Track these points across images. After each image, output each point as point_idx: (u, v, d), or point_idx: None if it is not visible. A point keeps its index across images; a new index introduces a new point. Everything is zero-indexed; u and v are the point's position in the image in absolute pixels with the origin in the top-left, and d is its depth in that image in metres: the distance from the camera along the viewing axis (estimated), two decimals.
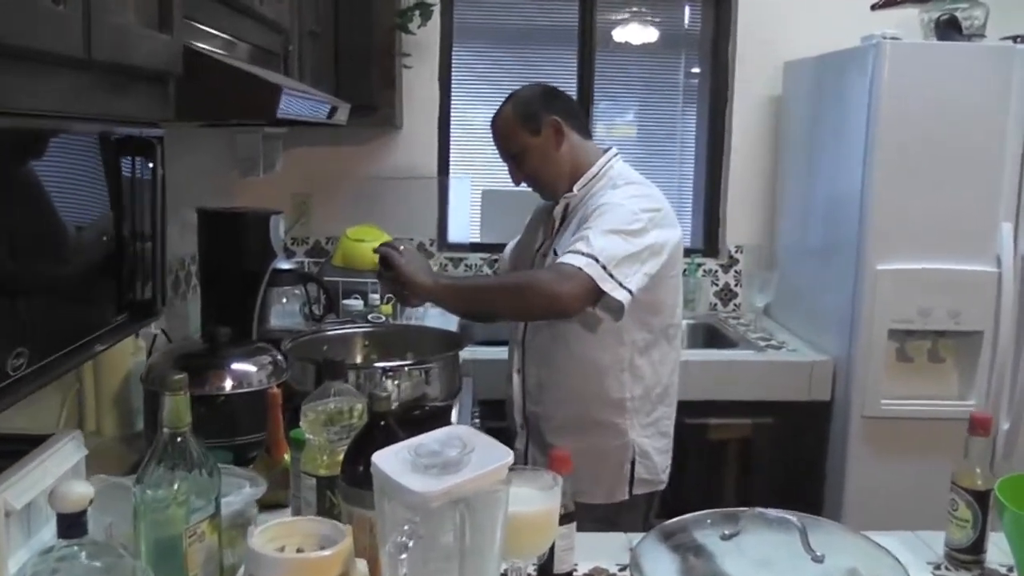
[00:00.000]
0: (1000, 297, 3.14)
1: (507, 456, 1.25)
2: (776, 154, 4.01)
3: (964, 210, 3.15)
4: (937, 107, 3.11)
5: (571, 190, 2.54)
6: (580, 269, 2.26)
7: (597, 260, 2.27)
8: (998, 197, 3.14)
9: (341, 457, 1.51)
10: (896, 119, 3.11)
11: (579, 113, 2.65)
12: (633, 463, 2.53)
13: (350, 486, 1.46)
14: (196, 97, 1.67)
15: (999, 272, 3.14)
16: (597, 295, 2.29)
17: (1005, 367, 3.18)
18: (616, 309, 2.33)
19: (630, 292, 2.30)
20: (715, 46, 4.11)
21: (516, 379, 2.66)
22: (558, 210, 2.59)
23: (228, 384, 2.12)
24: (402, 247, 2.42)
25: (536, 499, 1.42)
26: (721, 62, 4.08)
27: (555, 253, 2.48)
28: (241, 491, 1.59)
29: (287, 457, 1.85)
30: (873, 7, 3.77)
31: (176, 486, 1.34)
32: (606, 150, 2.62)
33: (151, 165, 1.55)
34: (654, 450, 2.57)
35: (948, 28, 3.31)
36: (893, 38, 3.13)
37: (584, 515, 2.07)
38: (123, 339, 1.64)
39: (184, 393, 1.37)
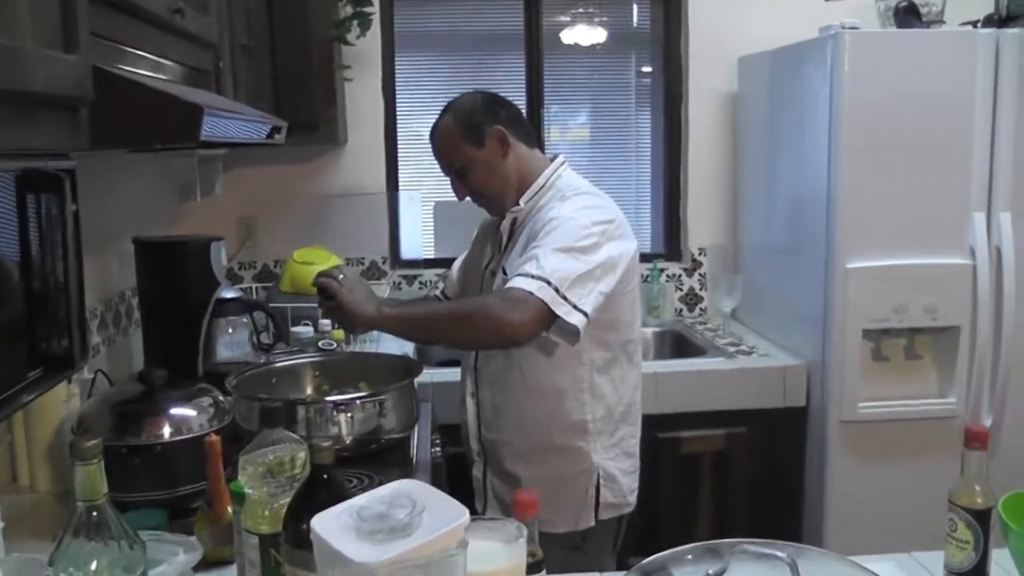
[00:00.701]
0: (976, 290, 3.05)
1: (462, 516, 1.12)
2: (735, 152, 3.91)
3: (934, 202, 3.05)
4: (901, 97, 3.01)
5: (518, 203, 2.42)
6: (531, 293, 2.13)
7: (549, 282, 2.14)
8: (968, 187, 3.06)
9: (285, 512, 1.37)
10: (859, 111, 3.01)
11: (523, 121, 2.52)
12: (598, 487, 2.41)
13: (293, 548, 1.32)
14: (111, 122, 1.51)
15: (973, 264, 3.06)
16: (550, 320, 2.16)
17: (985, 361, 3.10)
18: (571, 333, 2.19)
19: (585, 314, 2.17)
20: (666, 44, 4.00)
21: (470, 404, 2.53)
22: (505, 225, 2.46)
23: (166, 431, 1.97)
24: (341, 275, 2.26)
25: (500, 554, 1.28)
26: (673, 60, 3.97)
27: (504, 272, 2.36)
28: (175, 559, 1.44)
29: (231, 510, 1.70)
30: None
31: (95, 564, 1.19)
32: (553, 158, 2.50)
33: (59, 202, 1.40)
34: (619, 472, 2.45)
35: (907, 15, 3.22)
36: (852, 27, 3.03)
37: (550, 544, 1.94)
38: (38, 396, 1.49)
39: (97, 461, 1.22)
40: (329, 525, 1.11)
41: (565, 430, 2.39)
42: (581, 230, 2.23)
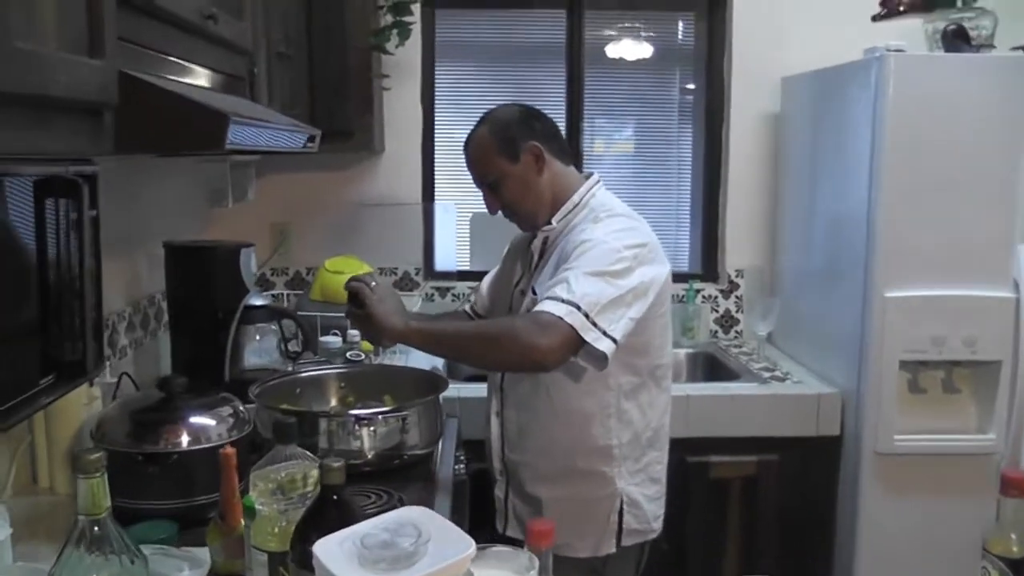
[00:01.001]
0: (1018, 324, 2.98)
1: (468, 547, 1.08)
2: (776, 173, 3.84)
3: (977, 232, 2.97)
4: (946, 122, 2.94)
5: (550, 222, 2.38)
6: (560, 318, 2.08)
7: (579, 307, 2.09)
8: (1013, 217, 2.98)
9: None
10: (902, 135, 2.94)
11: (560, 137, 2.47)
12: (621, 513, 2.36)
13: (300, 568, 1.29)
14: (136, 128, 1.50)
15: (1017, 297, 2.99)
16: (578, 345, 2.12)
17: None
18: (599, 359, 2.14)
19: (614, 341, 2.12)
20: (709, 61, 3.96)
21: (495, 424, 2.49)
22: (536, 244, 2.42)
23: (184, 440, 1.94)
24: (374, 283, 2.23)
25: None
26: (716, 78, 3.92)
27: (534, 292, 2.31)
28: (180, 574, 1.41)
29: (244, 523, 1.67)
30: (874, 18, 3.63)
31: None
32: (587, 176, 2.46)
33: (77, 208, 1.38)
34: (644, 498, 2.40)
35: (955, 39, 3.15)
36: (897, 50, 2.96)
37: (570, 569, 1.90)
38: (49, 404, 1.47)
39: (100, 475, 1.19)
40: (332, 551, 1.08)
41: (590, 455, 2.35)
42: (613, 254, 2.19)
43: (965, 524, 1.66)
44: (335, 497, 1.31)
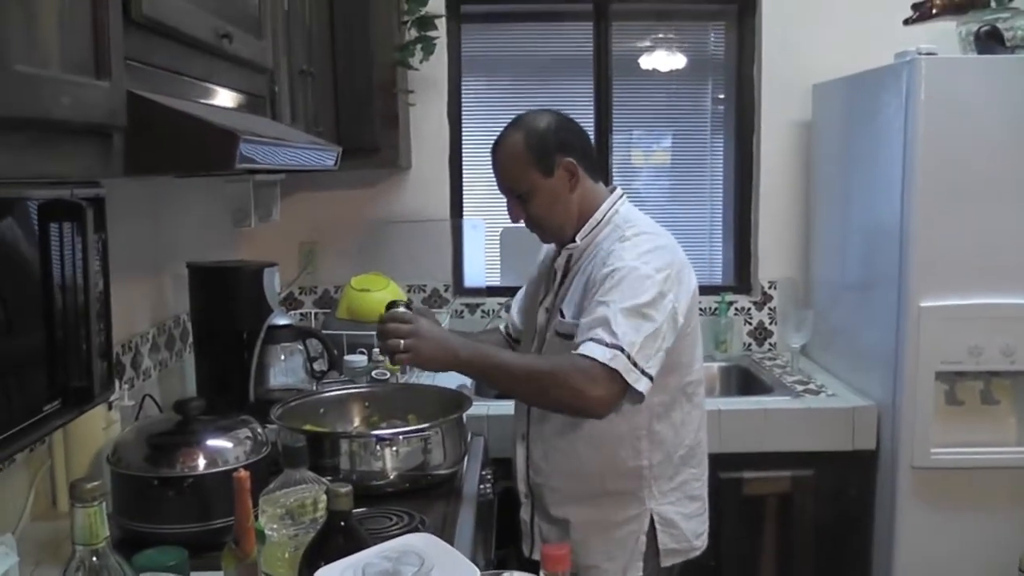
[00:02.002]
0: None
1: (472, 575, 1.04)
2: (808, 182, 3.79)
3: (1014, 238, 2.90)
4: (980, 126, 2.87)
5: (574, 240, 2.33)
6: (605, 365, 2.06)
7: (622, 350, 2.07)
8: None
9: None
10: (936, 140, 2.88)
11: (592, 151, 2.41)
12: (654, 534, 2.31)
13: None
14: (146, 149, 1.48)
15: None
16: (624, 389, 2.10)
17: None
18: (638, 397, 2.14)
19: (651, 379, 2.11)
20: (739, 70, 3.92)
21: (520, 446, 2.45)
22: (560, 262, 2.38)
23: (201, 463, 1.91)
24: (412, 320, 2.18)
25: None
26: (746, 87, 3.88)
27: (562, 315, 2.28)
28: None
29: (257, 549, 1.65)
30: (906, 21, 3.57)
31: None
32: (611, 190, 2.41)
33: (82, 232, 1.36)
34: (681, 516, 2.34)
35: (989, 40, 3.08)
36: (929, 53, 2.90)
37: None
38: (56, 429, 1.46)
39: (98, 504, 1.16)
40: None
41: (620, 477, 2.30)
42: (645, 280, 2.14)
43: (1006, 539, 1.60)
44: (343, 523, 1.28)
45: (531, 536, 2.45)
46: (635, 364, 2.08)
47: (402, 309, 2.25)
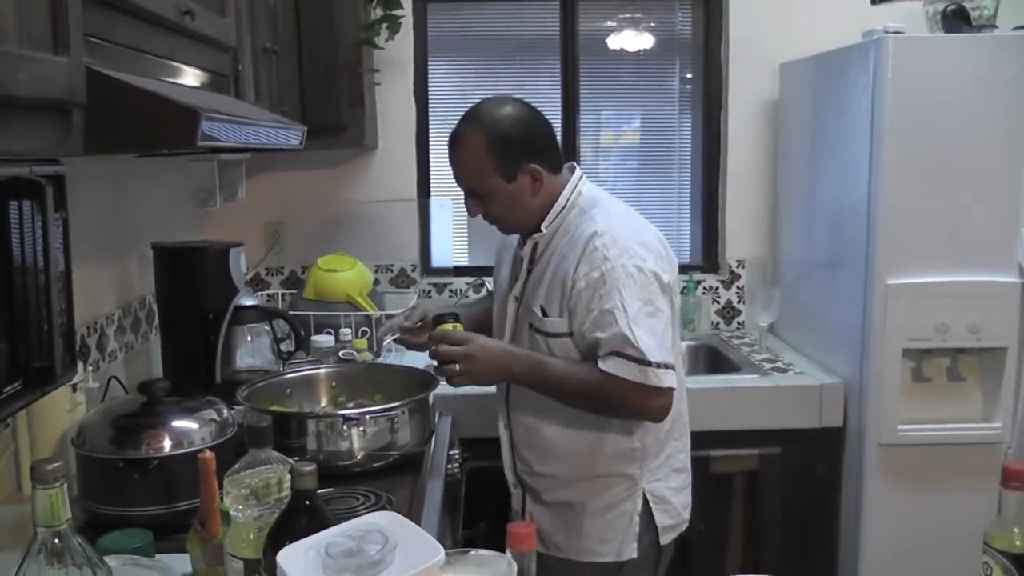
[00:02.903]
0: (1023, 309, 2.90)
1: (436, 553, 1.03)
2: (776, 162, 3.79)
3: (981, 216, 2.92)
4: (947, 105, 2.88)
5: (540, 229, 2.28)
6: (645, 381, 2.11)
7: (651, 363, 2.11)
8: (1017, 201, 2.92)
9: None
10: (902, 119, 2.88)
11: (555, 142, 2.32)
12: (647, 513, 2.30)
13: None
14: (107, 127, 1.45)
15: (1021, 282, 2.93)
16: (668, 389, 2.16)
17: None
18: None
19: (672, 367, 2.16)
20: (706, 49, 3.90)
21: (504, 436, 2.43)
22: (526, 251, 2.33)
23: (166, 445, 1.90)
24: (464, 340, 2.21)
25: None
26: (713, 66, 3.87)
27: (543, 312, 2.25)
28: None
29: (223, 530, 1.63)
30: (873, 1, 3.56)
31: None
32: (570, 169, 2.34)
33: (42, 210, 1.34)
34: (670, 491, 2.35)
35: (956, 19, 3.08)
36: (896, 32, 2.90)
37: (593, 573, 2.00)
38: (17, 411, 1.44)
39: (59, 485, 1.15)
40: (296, 561, 1.04)
41: (611, 459, 2.29)
42: (638, 274, 2.15)
43: (972, 515, 1.61)
44: (307, 503, 1.27)
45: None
46: (659, 365, 2.11)
47: (451, 326, 2.26)
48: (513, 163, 2.19)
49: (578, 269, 2.16)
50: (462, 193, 2.32)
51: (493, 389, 2.45)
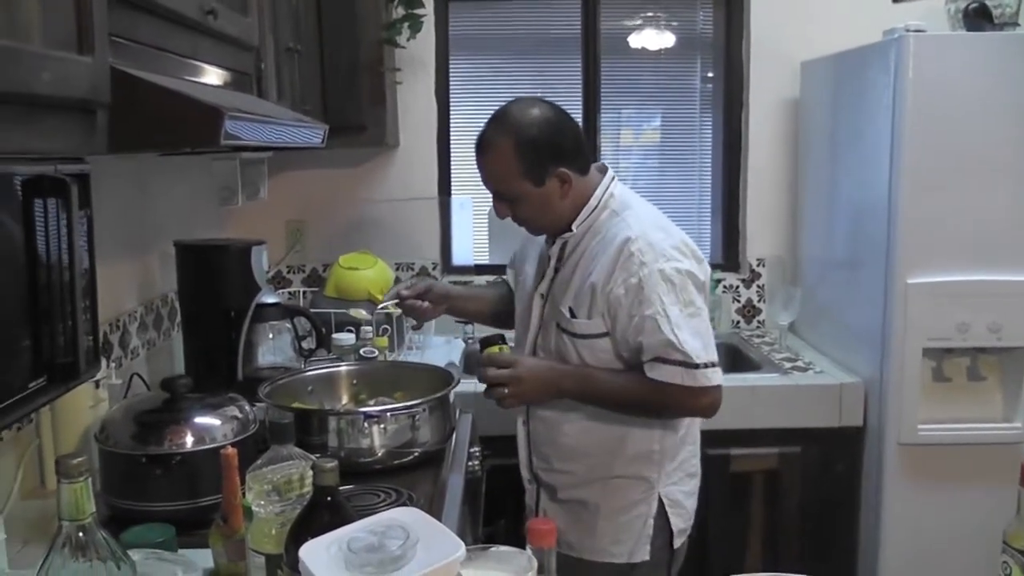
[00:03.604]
0: None
1: (457, 549, 1.04)
2: (796, 160, 3.79)
3: (1001, 216, 2.91)
4: (968, 104, 2.87)
5: (570, 229, 2.27)
6: (695, 384, 2.15)
7: (698, 365, 2.14)
8: None
9: None
10: (923, 118, 2.87)
11: (583, 144, 2.30)
12: (662, 517, 2.31)
13: (293, 571, 1.25)
14: (130, 126, 1.47)
15: None
16: (716, 386, 2.20)
17: None
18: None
19: (716, 363, 2.20)
20: (727, 48, 3.90)
21: (521, 432, 2.43)
22: (554, 250, 2.32)
23: (188, 441, 1.91)
24: (512, 363, 2.25)
25: None
26: (735, 65, 3.87)
27: (572, 313, 2.25)
28: None
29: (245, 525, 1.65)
30: None
31: None
32: (601, 171, 2.33)
33: (67, 208, 1.35)
34: (683, 495, 2.36)
35: (977, 18, 3.06)
36: (917, 30, 2.89)
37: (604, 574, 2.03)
38: (41, 407, 1.46)
39: (84, 480, 1.16)
40: (318, 555, 1.05)
41: (630, 461, 2.29)
42: (677, 275, 2.16)
43: (992, 515, 1.61)
44: (329, 499, 1.28)
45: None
46: (706, 365, 2.15)
47: (498, 348, 2.27)
48: (541, 167, 2.17)
49: (614, 275, 2.17)
50: (483, 191, 2.32)
51: None
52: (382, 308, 2.66)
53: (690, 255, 2.22)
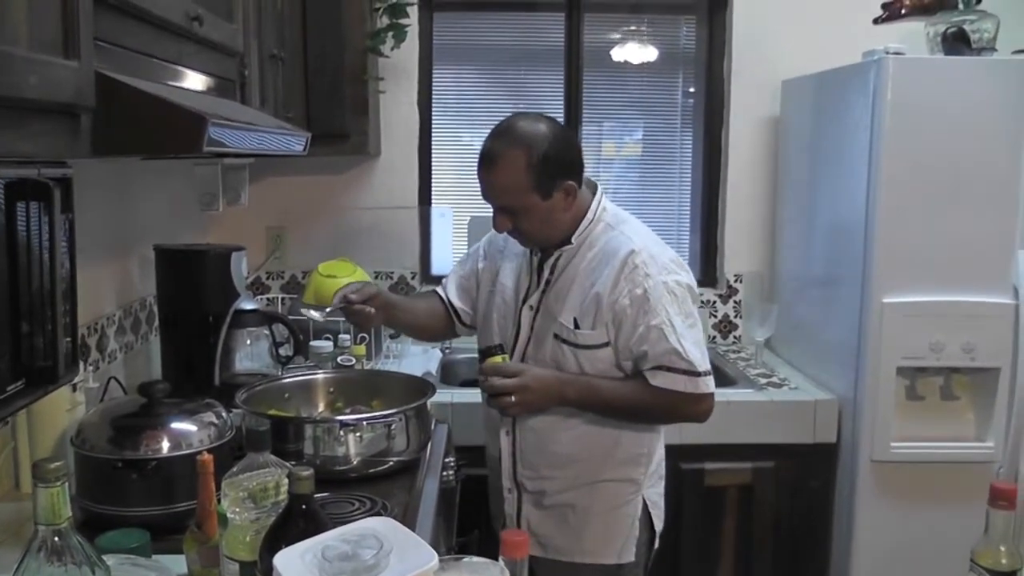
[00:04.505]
0: (1018, 331, 2.94)
1: (430, 559, 1.05)
2: (776, 178, 3.81)
3: (977, 237, 2.94)
4: (945, 126, 2.90)
5: (568, 241, 2.31)
6: (696, 390, 2.23)
7: (699, 372, 2.22)
8: (1013, 223, 2.94)
9: None
10: (901, 139, 2.90)
11: (582, 160, 2.32)
12: (646, 519, 2.38)
13: None
14: (114, 130, 1.47)
15: (1016, 304, 2.94)
16: (709, 394, 2.28)
17: None
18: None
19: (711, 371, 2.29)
20: (709, 64, 3.93)
21: (505, 441, 2.43)
22: (550, 262, 2.34)
23: (165, 446, 1.91)
24: (516, 372, 2.27)
25: None
26: (716, 81, 3.90)
27: (575, 324, 2.27)
28: None
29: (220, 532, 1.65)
30: (876, 21, 3.60)
31: None
32: (592, 187, 2.36)
33: (48, 212, 1.35)
34: (659, 496, 2.44)
35: (956, 42, 3.11)
36: (897, 53, 2.92)
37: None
38: (19, 410, 1.45)
39: (60, 484, 1.16)
40: (292, 563, 1.06)
41: (619, 464, 2.34)
42: (679, 287, 2.24)
43: (963, 533, 1.62)
44: (304, 507, 1.28)
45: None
46: (706, 373, 2.24)
47: (500, 358, 2.28)
48: (550, 181, 2.20)
49: (619, 286, 2.21)
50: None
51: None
52: (328, 311, 2.65)
53: (684, 269, 2.31)
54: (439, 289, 2.68)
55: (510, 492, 2.45)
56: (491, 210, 2.29)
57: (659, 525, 2.42)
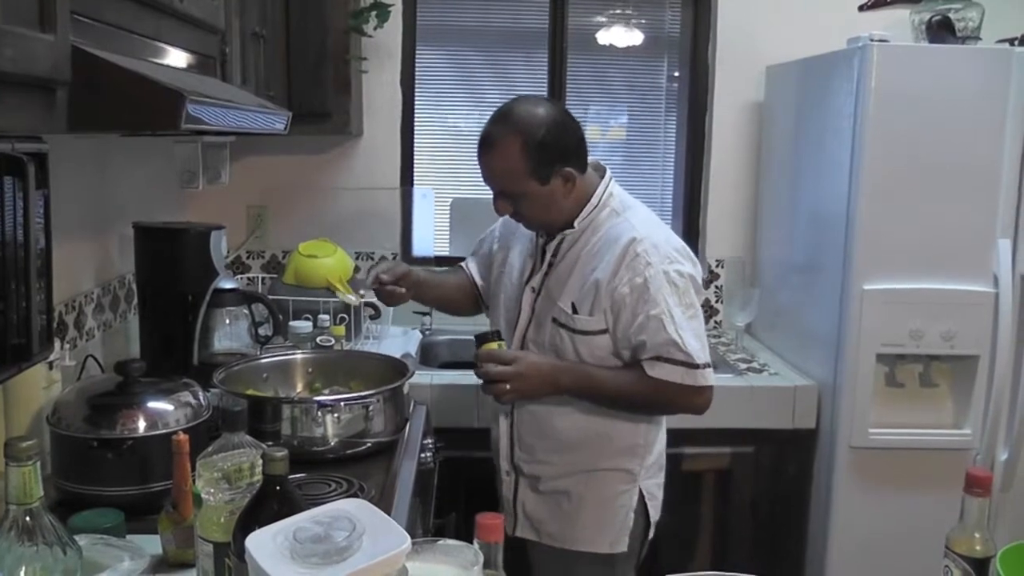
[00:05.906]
0: (997, 319, 2.93)
1: (403, 541, 1.04)
2: (759, 163, 3.81)
3: (958, 225, 2.94)
4: (929, 114, 2.90)
5: (571, 225, 2.31)
6: (695, 382, 2.23)
7: (698, 364, 2.22)
8: (995, 211, 2.94)
9: None
10: (884, 126, 2.90)
11: (584, 141, 2.32)
12: (642, 509, 2.39)
13: (240, 560, 1.25)
14: (91, 105, 1.45)
15: (996, 292, 2.94)
16: (708, 387, 2.28)
17: (1003, 393, 2.96)
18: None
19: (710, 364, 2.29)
20: (694, 49, 3.91)
21: (503, 424, 2.44)
22: (552, 245, 2.34)
23: (141, 425, 1.90)
24: (512, 359, 2.27)
25: None
26: (700, 66, 3.88)
27: (574, 308, 2.28)
28: (120, 565, 1.38)
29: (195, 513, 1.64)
30: (861, 8, 3.60)
31: (23, 571, 1.13)
32: (599, 170, 2.38)
33: (23, 187, 1.34)
34: (657, 487, 2.44)
35: (941, 30, 3.10)
36: (881, 40, 2.92)
37: (587, 563, 2.16)
38: None
39: (33, 463, 1.15)
40: (264, 545, 1.05)
41: (616, 454, 2.35)
42: (680, 278, 2.23)
43: (939, 520, 1.62)
44: (278, 488, 1.27)
45: (514, 513, 2.45)
46: (704, 365, 2.24)
47: (496, 344, 2.28)
48: (547, 167, 2.21)
49: (619, 274, 2.21)
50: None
51: (471, 380, 2.44)
52: (362, 295, 2.65)
53: (689, 259, 2.29)
54: (464, 265, 2.71)
55: (508, 475, 2.46)
56: (473, 192, 2.30)
57: (655, 515, 2.42)
